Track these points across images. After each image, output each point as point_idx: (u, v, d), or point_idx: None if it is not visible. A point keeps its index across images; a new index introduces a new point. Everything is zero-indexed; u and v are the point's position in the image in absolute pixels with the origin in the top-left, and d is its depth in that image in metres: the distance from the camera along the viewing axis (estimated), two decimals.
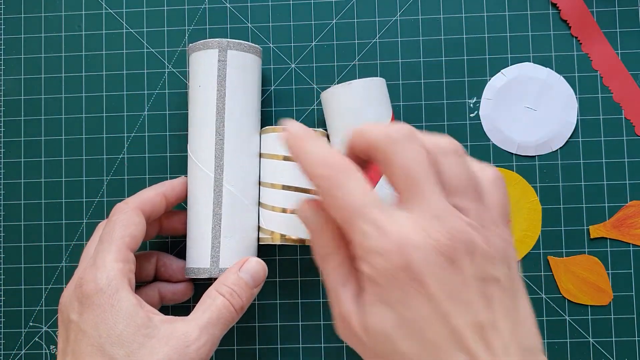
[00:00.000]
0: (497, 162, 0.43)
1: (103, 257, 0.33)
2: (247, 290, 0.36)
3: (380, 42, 0.43)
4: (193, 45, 0.39)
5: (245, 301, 0.35)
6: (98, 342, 0.31)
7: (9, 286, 0.44)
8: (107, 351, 0.31)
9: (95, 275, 0.33)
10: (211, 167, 0.37)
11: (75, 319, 0.32)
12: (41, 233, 0.44)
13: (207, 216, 0.37)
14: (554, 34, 0.43)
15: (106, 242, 0.34)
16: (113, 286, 0.32)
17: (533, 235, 0.42)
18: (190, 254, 0.38)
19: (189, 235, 0.38)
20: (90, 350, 0.31)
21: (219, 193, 0.37)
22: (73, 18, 0.44)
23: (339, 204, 0.27)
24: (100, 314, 0.32)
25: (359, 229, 0.27)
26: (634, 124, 0.43)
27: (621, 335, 0.42)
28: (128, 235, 0.34)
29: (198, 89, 0.38)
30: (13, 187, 0.44)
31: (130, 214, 0.35)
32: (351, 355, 0.42)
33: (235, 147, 0.38)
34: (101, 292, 0.32)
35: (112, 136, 0.44)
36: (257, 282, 0.36)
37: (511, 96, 0.43)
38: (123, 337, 0.31)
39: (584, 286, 0.42)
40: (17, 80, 0.44)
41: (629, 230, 0.42)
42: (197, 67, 0.38)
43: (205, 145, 0.38)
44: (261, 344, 0.43)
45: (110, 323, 0.31)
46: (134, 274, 0.34)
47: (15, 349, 0.43)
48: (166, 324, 0.33)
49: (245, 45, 0.38)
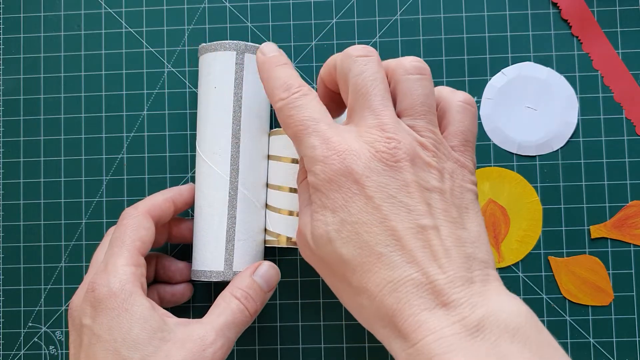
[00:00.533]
0: (498, 162, 0.43)
1: (114, 261, 0.33)
2: (261, 294, 0.35)
3: (380, 42, 0.43)
4: (207, 45, 0.38)
5: (259, 305, 0.35)
6: (113, 346, 0.31)
7: (8, 286, 0.43)
8: (123, 355, 0.31)
9: (108, 280, 0.32)
10: (227, 169, 0.37)
11: (88, 324, 0.32)
12: (40, 233, 0.44)
13: (221, 219, 0.37)
14: (554, 33, 0.43)
15: (117, 246, 0.34)
16: (126, 290, 0.32)
17: (533, 235, 0.42)
18: (199, 256, 0.38)
19: (198, 238, 0.38)
20: (104, 355, 0.31)
21: (234, 196, 0.37)
22: (72, 18, 0.44)
23: (292, 121, 0.29)
24: (115, 317, 0.31)
25: (308, 144, 0.28)
26: (634, 124, 0.42)
27: (622, 336, 0.41)
28: (139, 240, 0.34)
29: (213, 90, 0.38)
30: (12, 187, 0.44)
31: (140, 218, 0.35)
32: (351, 355, 0.42)
33: (251, 150, 0.38)
34: (114, 296, 0.32)
35: (111, 136, 0.44)
36: (270, 287, 0.36)
37: (512, 96, 0.43)
38: (138, 341, 0.31)
39: (584, 286, 0.42)
40: (16, 80, 0.44)
41: (629, 230, 0.42)
42: (212, 68, 0.38)
43: (220, 147, 0.37)
44: (261, 344, 0.43)
45: (125, 327, 0.31)
46: (145, 278, 0.34)
47: (15, 349, 0.43)
48: (181, 327, 0.33)
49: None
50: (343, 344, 0.42)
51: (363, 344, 0.42)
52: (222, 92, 0.38)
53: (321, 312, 0.42)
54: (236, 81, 0.37)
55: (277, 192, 0.39)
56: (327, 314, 0.42)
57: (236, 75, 0.37)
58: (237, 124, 0.37)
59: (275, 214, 0.39)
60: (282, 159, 0.39)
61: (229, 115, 0.37)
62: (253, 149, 0.38)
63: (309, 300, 0.43)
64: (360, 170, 0.27)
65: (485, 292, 0.26)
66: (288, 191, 0.38)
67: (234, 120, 0.37)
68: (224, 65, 0.38)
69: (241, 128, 0.37)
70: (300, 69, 0.44)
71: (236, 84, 0.37)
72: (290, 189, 0.38)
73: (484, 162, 0.42)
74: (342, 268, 0.27)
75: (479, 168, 0.42)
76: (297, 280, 0.43)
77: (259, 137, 0.39)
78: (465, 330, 0.24)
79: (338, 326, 0.42)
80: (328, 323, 0.42)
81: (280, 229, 0.38)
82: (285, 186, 0.38)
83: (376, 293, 0.26)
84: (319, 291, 0.43)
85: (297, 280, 0.43)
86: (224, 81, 0.38)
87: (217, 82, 0.38)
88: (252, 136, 0.38)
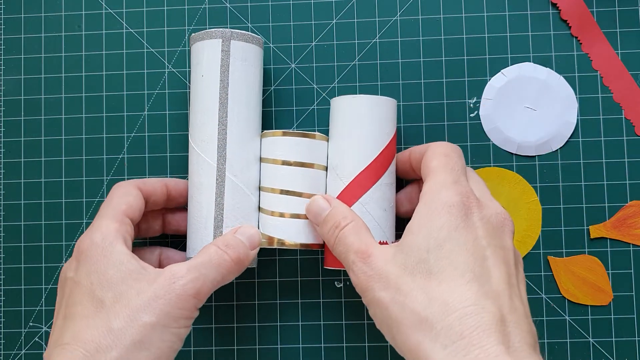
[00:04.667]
0: (497, 162, 0.43)
1: (99, 221, 0.34)
2: (242, 246, 0.35)
3: (380, 42, 0.43)
4: (195, 35, 0.39)
5: (241, 254, 0.35)
6: (90, 288, 0.32)
7: (9, 286, 0.44)
8: (97, 295, 0.31)
9: (91, 235, 0.33)
10: (214, 156, 0.38)
11: (71, 276, 0.33)
12: (41, 233, 0.44)
13: (209, 205, 0.37)
14: (554, 34, 0.43)
15: (103, 209, 0.35)
16: (107, 240, 0.33)
17: (533, 235, 0.42)
18: (191, 244, 0.38)
19: (190, 226, 0.39)
20: (80, 298, 0.32)
21: (222, 183, 0.37)
22: (73, 18, 0.44)
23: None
24: (93, 264, 0.32)
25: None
26: (634, 124, 0.43)
27: (621, 336, 0.42)
28: (124, 203, 0.35)
29: (201, 78, 0.38)
30: (13, 187, 0.44)
31: (127, 187, 0.37)
32: (351, 355, 0.42)
33: (239, 137, 0.38)
34: (96, 246, 0.33)
35: (112, 136, 0.44)
36: (253, 244, 0.36)
37: (511, 96, 0.43)
38: (112, 281, 0.32)
39: (584, 286, 0.42)
40: (17, 80, 0.44)
41: (629, 230, 0.42)
42: (200, 56, 0.38)
43: (208, 134, 0.38)
44: (261, 344, 0.43)
45: (102, 270, 0.32)
46: (130, 237, 0.35)
47: (15, 349, 0.43)
48: (158, 269, 0.33)
49: (248, 35, 0.38)
50: (343, 344, 0.42)
51: (363, 344, 0.42)
52: (208, 79, 0.38)
53: (321, 312, 0.43)
54: (222, 68, 0.38)
55: (268, 194, 0.39)
56: (327, 314, 0.42)
57: (222, 63, 0.38)
58: (223, 111, 0.38)
59: (267, 216, 0.39)
60: (273, 161, 0.39)
61: (215, 103, 0.38)
62: (241, 135, 0.38)
63: (309, 300, 0.43)
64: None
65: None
66: (279, 193, 0.38)
67: (221, 107, 0.38)
68: (211, 53, 0.38)
69: (228, 115, 0.38)
70: (300, 69, 0.44)
71: (222, 71, 0.38)
72: (281, 191, 0.38)
73: (483, 162, 0.43)
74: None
75: (478, 168, 0.43)
76: (297, 280, 0.43)
77: (247, 124, 0.39)
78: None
79: (338, 326, 0.42)
80: (328, 323, 0.42)
81: (271, 231, 0.38)
82: (277, 188, 0.38)
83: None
84: (319, 291, 0.43)
85: (297, 280, 0.43)
86: (210, 69, 0.38)
87: (204, 70, 0.38)
88: (239, 123, 0.38)
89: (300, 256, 0.43)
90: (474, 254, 0.30)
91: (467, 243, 0.30)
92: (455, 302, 0.28)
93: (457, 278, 0.29)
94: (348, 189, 0.37)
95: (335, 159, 0.38)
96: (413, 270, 0.30)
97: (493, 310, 0.28)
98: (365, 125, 0.37)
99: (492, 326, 0.28)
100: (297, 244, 0.38)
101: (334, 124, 0.39)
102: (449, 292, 0.29)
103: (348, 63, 0.43)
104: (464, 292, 0.29)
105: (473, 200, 0.32)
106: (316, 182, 0.39)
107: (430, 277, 0.30)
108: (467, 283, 0.29)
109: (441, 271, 0.29)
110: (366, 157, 0.37)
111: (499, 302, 0.29)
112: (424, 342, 0.28)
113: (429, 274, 0.30)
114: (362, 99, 0.37)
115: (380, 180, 0.37)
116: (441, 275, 0.29)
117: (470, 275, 0.29)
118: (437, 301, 0.29)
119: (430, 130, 0.43)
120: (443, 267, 0.30)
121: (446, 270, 0.29)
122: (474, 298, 0.28)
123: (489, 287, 0.29)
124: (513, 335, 0.28)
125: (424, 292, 0.29)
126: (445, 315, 0.28)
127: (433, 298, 0.29)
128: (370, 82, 0.43)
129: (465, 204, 0.31)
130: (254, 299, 0.43)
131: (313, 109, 0.43)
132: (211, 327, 0.43)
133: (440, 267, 0.30)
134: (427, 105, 0.43)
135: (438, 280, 0.29)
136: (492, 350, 0.27)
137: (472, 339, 0.27)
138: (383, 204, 0.37)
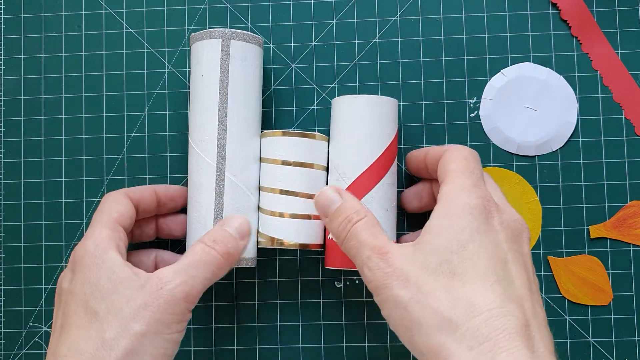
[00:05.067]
0: (497, 162, 0.43)
1: (92, 229, 0.35)
2: (231, 239, 0.35)
3: (380, 42, 0.43)
4: (195, 34, 0.39)
5: (230, 247, 0.34)
6: (83, 299, 0.32)
7: (9, 286, 0.44)
8: (91, 306, 0.31)
9: (84, 244, 0.34)
10: (213, 156, 0.38)
11: (66, 286, 0.33)
12: (41, 233, 0.44)
13: (208, 205, 0.37)
14: (554, 34, 0.43)
15: (94, 219, 0.36)
16: (100, 248, 0.33)
17: (533, 235, 0.42)
18: (190, 243, 0.38)
19: (190, 225, 0.39)
20: (75, 309, 0.32)
21: (221, 183, 0.38)
22: (73, 18, 0.44)
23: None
24: (87, 272, 0.32)
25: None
26: (634, 124, 0.43)
27: (621, 335, 0.42)
28: (115, 212, 0.36)
29: (200, 78, 0.38)
30: (13, 187, 0.44)
31: (117, 196, 0.37)
32: (351, 355, 0.42)
33: (239, 137, 0.38)
34: (88, 254, 0.33)
35: (112, 136, 0.44)
36: (242, 234, 0.36)
37: (511, 96, 0.43)
38: (104, 291, 0.32)
39: (584, 286, 0.42)
40: (17, 80, 0.44)
41: (629, 230, 0.42)
42: (200, 56, 0.38)
43: (207, 134, 0.38)
44: (261, 344, 0.43)
45: (94, 279, 0.32)
46: (123, 244, 0.35)
47: (15, 349, 0.43)
48: (147, 274, 0.33)
49: (247, 35, 0.38)
50: (343, 344, 0.42)
51: (363, 344, 0.42)
52: (208, 79, 0.38)
53: (321, 312, 0.43)
54: (222, 68, 0.38)
55: (268, 194, 0.39)
56: (327, 314, 0.42)
57: (222, 62, 0.38)
58: (223, 111, 0.38)
59: (266, 216, 0.39)
60: (272, 161, 0.39)
61: (215, 102, 0.38)
62: (240, 135, 0.38)
63: (309, 300, 0.43)
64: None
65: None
66: (279, 193, 0.38)
67: (220, 107, 0.38)
68: (210, 53, 0.38)
69: (227, 114, 0.38)
70: (300, 69, 0.44)
71: (222, 70, 0.38)
72: (280, 191, 0.38)
73: (483, 162, 0.43)
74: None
75: None
76: (297, 280, 0.43)
77: (247, 124, 0.39)
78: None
79: (338, 326, 0.42)
80: (328, 323, 0.42)
81: (271, 231, 0.38)
82: (276, 188, 0.38)
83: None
84: (319, 291, 0.43)
85: (297, 280, 0.43)
86: (210, 69, 0.38)
87: (204, 70, 0.38)
88: (239, 122, 0.38)
89: (300, 256, 0.43)
90: (496, 257, 0.30)
91: (489, 246, 0.30)
92: (481, 304, 0.28)
93: (481, 280, 0.29)
94: (351, 189, 0.37)
95: (337, 159, 0.38)
96: (435, 270, 0.30)
97: (518, 314, 0.28)
98: (367, 126, 0.37)
99: (518, 330, 0.28)
100: (296, 244, 0.38)
101: (335, 124, 0.39)
102: (473, 294, 0.29)
103: (348, 63, 0.43)
104: (489, 294, 0.28)
105: (493, 205, 0.32)
106: (316, 182, 0.39)
107: (454, 278, 0.29)
108: (491, 285, 0.29)
109: (465, 272, 0.29)
110: (369, 157, 0.37)
111: (522, 306, 0.29)
112: (448, 343, 0.28)
113: (452, 274, 0.29)
114: (364, 99, 0.37)
115: (382, 180, 0.37)
116: (465, 276, 0.29)
117: (493, 277, 0.29)
118: (462, 302, 0.28)
119: (430, 130, 0.43)
120: (467, 268, 0.29)
121: (470, 272, 0.29)
122: (499, 301, 0.28)
123: (512, 291, 0.29)
124: (536, 340, 0.28)
125: (448, 292, 0.29)
126: (471, 316, 0.28)
127: (457, 299, 0.28)
128: (370, 82, 0.43)
129: (486, 207, 0.31)
130: (254, 299, 0.43)
131: (313, 109, 0.43)
132: (211, 327, 0.43)
133: (464, 269, 0.29)
134: (427, 105, 0.43)
135: (462, 281, 0.29)
136: (518, 354, 0.27)
137: (499, 342, 0.27)
138: (385, 204, 0.38)
